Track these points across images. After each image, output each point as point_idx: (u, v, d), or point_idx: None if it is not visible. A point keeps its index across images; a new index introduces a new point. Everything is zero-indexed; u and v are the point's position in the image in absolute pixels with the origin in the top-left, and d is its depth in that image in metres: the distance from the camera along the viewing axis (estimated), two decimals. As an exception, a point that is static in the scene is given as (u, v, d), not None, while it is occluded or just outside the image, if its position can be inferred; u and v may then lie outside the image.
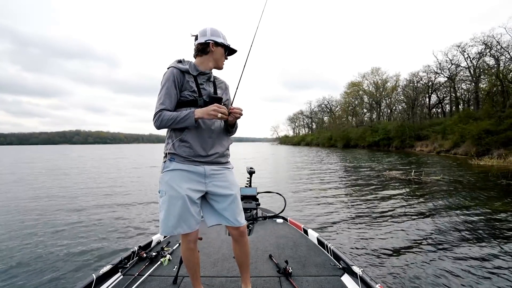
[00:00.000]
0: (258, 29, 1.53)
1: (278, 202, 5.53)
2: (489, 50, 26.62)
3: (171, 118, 1.30)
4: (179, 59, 1.46)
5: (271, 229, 2.83)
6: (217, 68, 1.50)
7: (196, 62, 1.46)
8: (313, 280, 1.78)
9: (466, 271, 2.69)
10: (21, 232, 4.11)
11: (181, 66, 1.40)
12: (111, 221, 4.65)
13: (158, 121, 1.31)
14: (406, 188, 7.47)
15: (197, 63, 1.45)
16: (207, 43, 1.42)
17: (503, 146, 16.96)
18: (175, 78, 1.36)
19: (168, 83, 1.35)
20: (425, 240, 3.55)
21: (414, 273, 2.67)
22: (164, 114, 1.31)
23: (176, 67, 1.39)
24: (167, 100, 1.34)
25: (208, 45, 1.42)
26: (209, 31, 1.43)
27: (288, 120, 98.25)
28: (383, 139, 37.79)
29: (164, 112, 1.32)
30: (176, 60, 1.45)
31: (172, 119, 1.30)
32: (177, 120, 1.30)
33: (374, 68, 51.99)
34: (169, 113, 1.31)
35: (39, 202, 6.40)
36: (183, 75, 1.39)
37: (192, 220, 1.38)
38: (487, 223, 4.23)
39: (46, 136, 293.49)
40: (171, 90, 1.35)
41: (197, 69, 1.43)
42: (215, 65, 1.48)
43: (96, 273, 1.71)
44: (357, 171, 11.96)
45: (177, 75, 1.37)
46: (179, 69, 1.38)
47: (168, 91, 1.35)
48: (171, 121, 1.30)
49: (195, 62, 1.46)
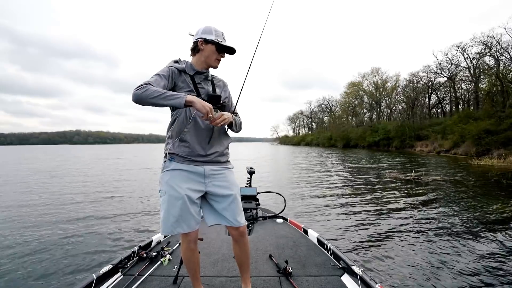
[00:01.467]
0: (262, 33, 1.53)
1: (278, 202, 5.54)
2: (489, 50, 26.62)
3: (157, 91, 1.17)
4: (176, 59, 1.46)
5: (271, 229, 2.83)
6: (209, 66, 1.45)
7: (192, 61, 1.46)
8: (313, 280, 1.78)
9: (467, 271, 2.69)
10: (20, 232, 4.11)
11: (177, 65, 1.41)
12: (111, 221, 4.65)
13: (140, 90, 1.15)
14: (406, 188, 7.47)
15: (193, 63, 1.45)
16: (197, 41, 1.42)
17: (503, 146, 16.97)
18: (170, 72, 1.36)
19: (162, 72, 1.33)
20: (426, 240, 3.55)
21: (414, 273, 2.67)
22: (151, 87, 1.18)
23: (173, 66, 1.39)
24: (156, 81, 1.26)
25: (197, 43, 1.42)
26: (201, 29, 1.42)
27: (288, 120, 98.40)
28: (383, 139, 37.80)
29: (150, 86, 1.19)
30: (172, 61, 1.45)
31: (158, 92, 1.16)
32: (163, 95, 1.16)
33: (374, 68, 52.11)
34: (155, 88, 1.19)
35: (39, 202, 6.39)
36: (179, 73, 1.40)
37: (192, 220, 1.38)
38: (488, 223, 4.23)
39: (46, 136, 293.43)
40: (163, 78, 1.31)
41: (193, 69, 1.42)
42: (207, 63, 1.44)
43: (96, 273, 1.71)
44: (357, 171, 11.96)
45: (173, 71, 1.37)
46: (176, 67, 1.39)
47: (159, 77, 1.30)
48: (155, 94, 1.16)
49: (191, 61, 1.46)
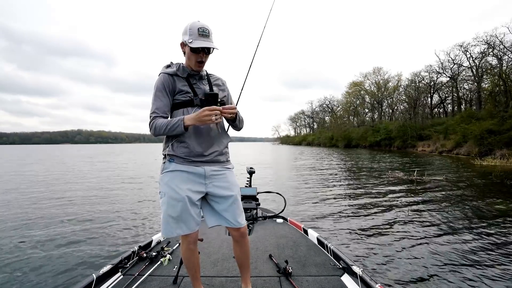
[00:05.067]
0: (263, 32, 1.52)
1: (278, 202, 5.53)
2: (492, 50, 26.47)
3: (163, 126, 1.30)
4: (167, 64, 1.45)
5: (271, 229, 2.83)
6: (192, 68, 1.40)
7: (185, 63, 1.44)
8: (313, 280, 1.77)
9: (468, 272, 2.67)
10: (20, 232, 4.13)
11: (169, 70, 1.40)
12: (111, 221, 4.66)
13: (152, 129, 1.32)
14: (408, 189, 7.44)
15: (185, 64, 1.43)
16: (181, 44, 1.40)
17: (506, 146, 16.84)
18: (163, 84, 1.36)
19: (157, 90, 1.36)
20: (426, 241, 3.53)
21: (414, 273, 2.66)
22: (156, 123, 1.31)
23: (164, 73, 1.39)
24: (157, 107, 1.34)
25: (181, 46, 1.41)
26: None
27: (290, 120, 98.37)
28: (385, 139, 37.67)
29: (157, 120, 1.32)
30: (164, 66, 1.45)
31: (163, 127, 1.29)
32: (168, 128, 1.29)
33: (376, 68, 51.94)
34: (160, 121, 1.31)
35: (38, 202, 6.42)
36: (172, 78, 1.38)
37: (192, 221, 1.38)
38: (491, 224, 4.20)
39: (48, 136, 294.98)
40: (160, 97, 1.35)
41: (186, 71, 1.41)
42: (190, 66, 1.40)
43: (96, 273, 1.71)
44: (358, 171, 11.93)
45: (165, 80, 1.37)
46: (167, 73, 1.38)
47: (158, 98, 1.36)
48: (163, 129, 1.30)
49: (184, 63, 1.44)
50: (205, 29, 1.30)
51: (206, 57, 1.37)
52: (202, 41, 1.29)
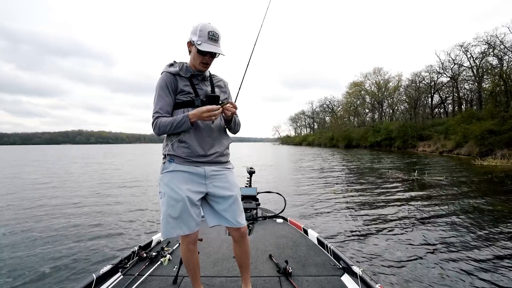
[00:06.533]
0: (259, 33, 1.52)
1: (278, 202, 5.52)
2: (492, 50, 26.43)
3: (167, 124, 1.30)
4: (170, 63, 1.44)
5: (271, 229, 2.83)
6: (196, 68, 1.40)
7: (189, 62, 1.44)
8: (313, 280, 1.77)
9: (467, 272, 2.67)
10: (19, 232, 4.13)
11: (171, 69, 1.39)
12: (111, 221, 4.67)
13: (156, 128, 1.32)
14: (408, 189, 7.43)
15: (189, 64, 1.43)
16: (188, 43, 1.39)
17: (506, 146, 16.81)
18: (166, 83, 1.36)
19: (159, 90, 1.36)
20: (426, 241, 3.53)
21: (414, 274, 2.66)
22: (160, 122, 1.31)
23: (167, 72, 1.38)
24: (161, 107, 1.34)
25: (188, 44, 1.40)
26: (192, 28, 1.37)
27: (290, 120, 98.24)
28: (385, 139, 37.59)
29: (160, 119, 1.32)
30: (167, 65, 1.44)
31: (168, 125, 1.30)
32: (173, 126, 1.29)
33: (376, 68, 51.84)
34: (164, 120, 1.31)
35: (38, 201, 6.43)
36: (175, 78, 1.38)
37: (192, 221, 1.38)
38: (491, 224, 4.20)
39: (49, 136, 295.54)
40: (163, 96, 1.35)
41: (189, 71, 1.40)
42: (194, 66, 1.40)
43: (96, 273, 1.71)
44: (359, 171, 11.92)
45: (168, 79, 1.36)
46: (169, 72, 1.38)
47: (161, 97, 1.35)
48: (168, 127, 1.30)
49: (188, 63, 1.44)
50: (215, 33, 1.31)
51: (211, 60, 1.39)
52: (211, 45, 1.30)
